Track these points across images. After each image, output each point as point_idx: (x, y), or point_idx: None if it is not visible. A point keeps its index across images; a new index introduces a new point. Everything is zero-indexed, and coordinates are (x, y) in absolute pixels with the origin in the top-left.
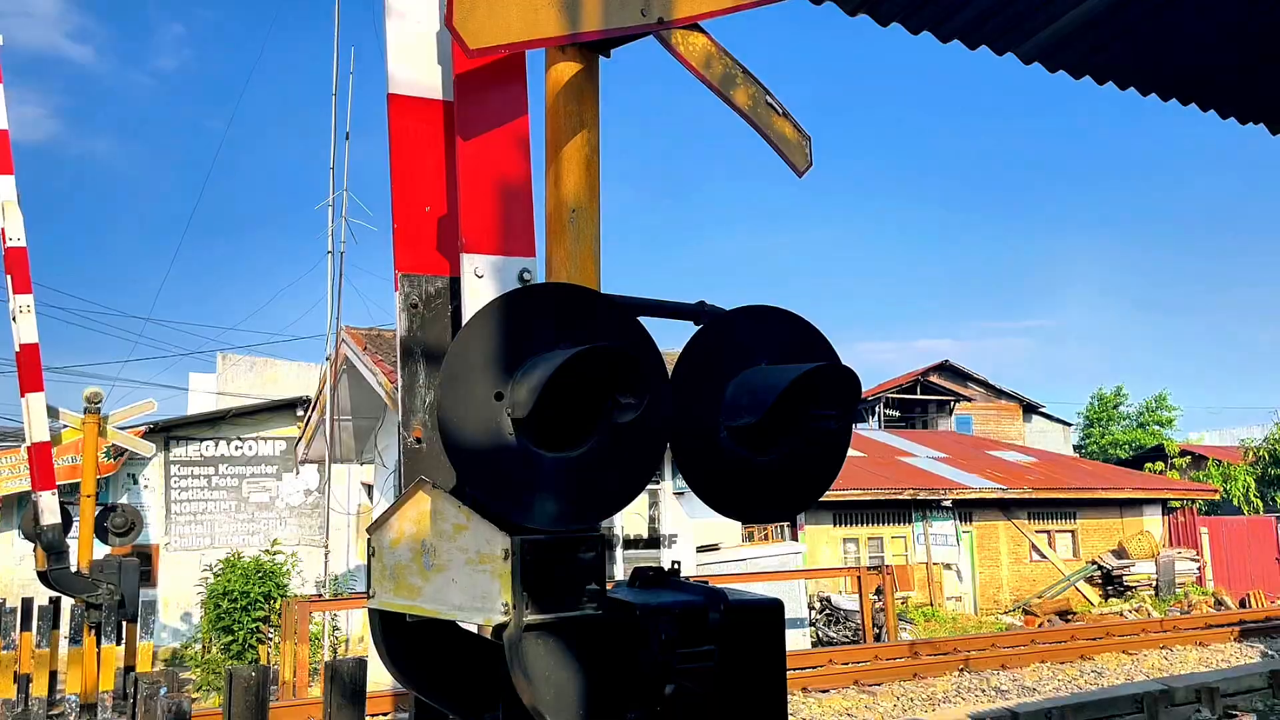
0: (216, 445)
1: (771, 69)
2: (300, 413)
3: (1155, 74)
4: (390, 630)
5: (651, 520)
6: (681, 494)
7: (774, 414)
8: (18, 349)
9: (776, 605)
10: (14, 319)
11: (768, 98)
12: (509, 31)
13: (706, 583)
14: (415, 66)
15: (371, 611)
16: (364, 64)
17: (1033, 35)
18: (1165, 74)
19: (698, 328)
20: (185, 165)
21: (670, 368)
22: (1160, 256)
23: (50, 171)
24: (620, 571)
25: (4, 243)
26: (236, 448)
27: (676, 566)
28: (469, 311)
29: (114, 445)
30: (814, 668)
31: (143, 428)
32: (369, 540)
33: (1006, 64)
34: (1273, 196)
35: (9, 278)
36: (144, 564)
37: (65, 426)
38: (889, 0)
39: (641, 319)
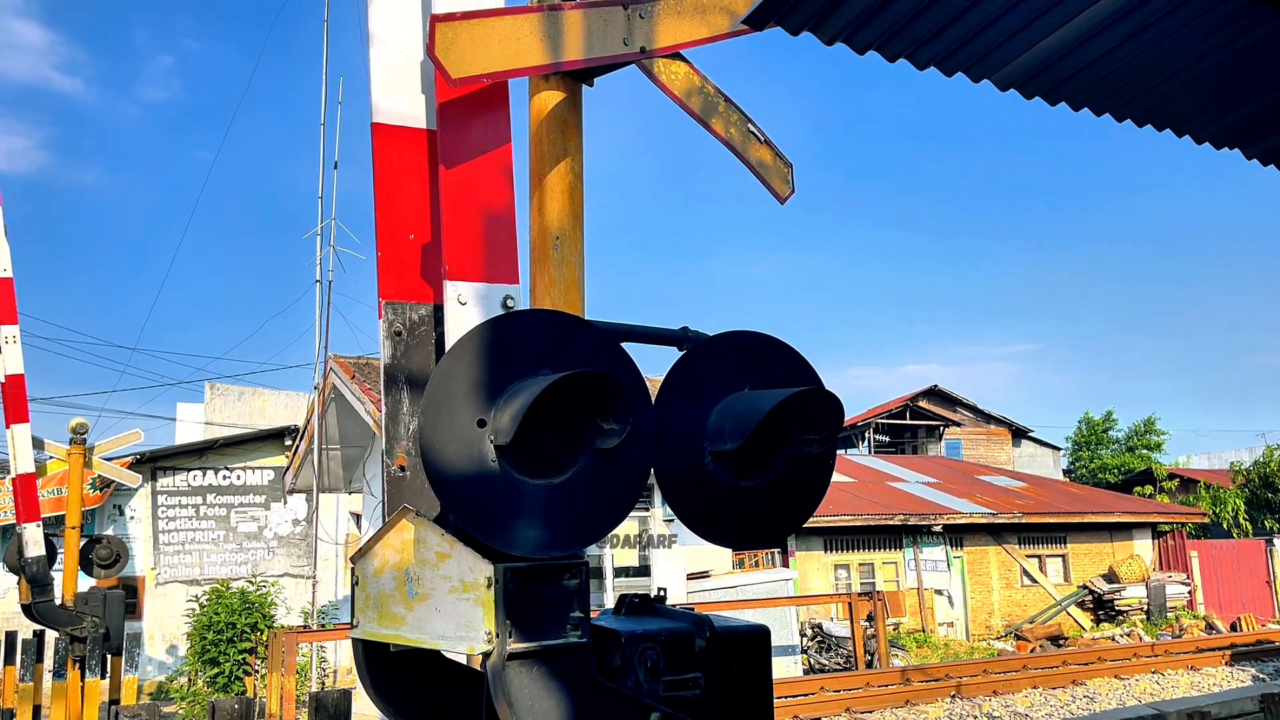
0: (204, 475)
1: (754, 94)
2: (288, 442)
3: (1129, 101)
4: (374, 660)
5: (641, 548)
6: (671, 520)
7: (758, 439)
8: (3, 380)
9: (763, 632)
10: (0, 350)
11: (749, 125)
12: (491, 60)
13: (693, 609)
14: (399, 95)
15: (355, 641)
16: (352, 93)
17: (1007, 63)
18: (1139, 101)
19: (681, 353)
20: (173, 195)
21: (654, 394)
22: (1146, 279)
23: (38, 202)
24: (610, 600)
25: None
26: (224, 477)
27: (662, 593)
28: (452, 338)
29: (100, 476)
30: (806, 695)
31: (129, 458)
32: (352, 569)
33: (988, 87)
34: (1258, 219)
35: None
36: (129, 596)
37: (50, 458)
38: (865, 29)
39: (625, 344)
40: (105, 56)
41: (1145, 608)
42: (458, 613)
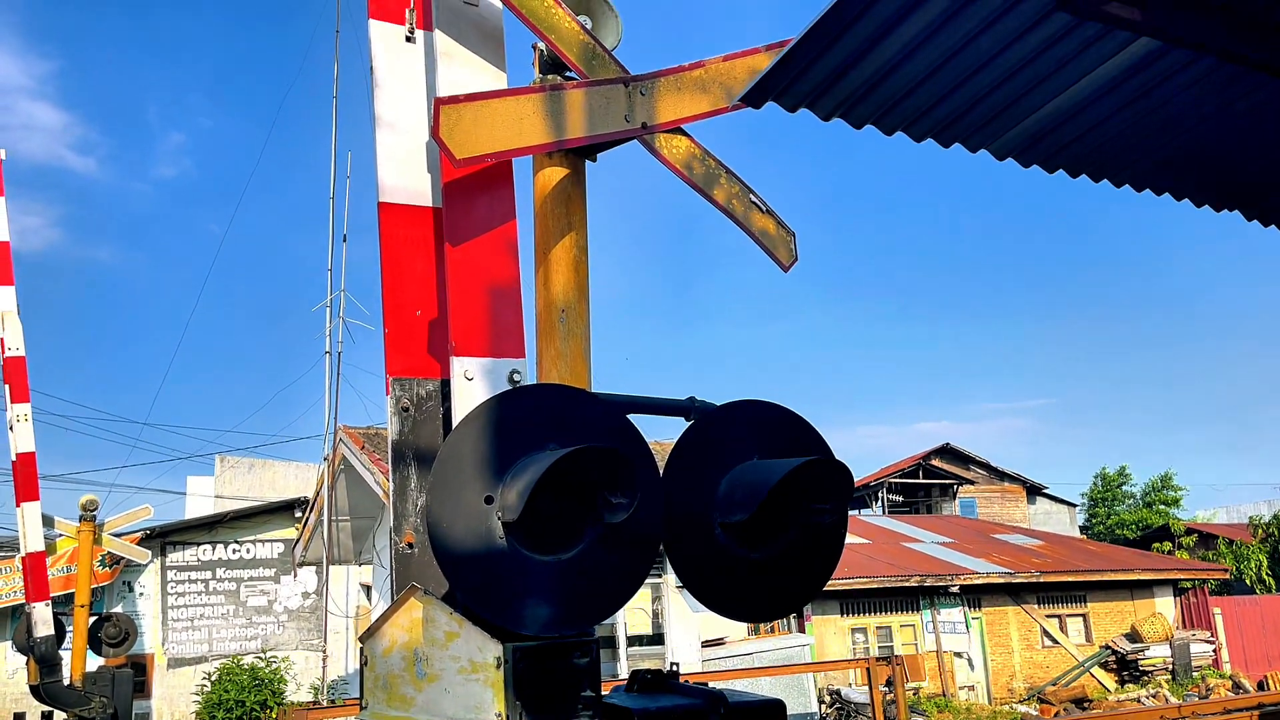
0: (214, 549)
1: (756, 158)
2: (298, 514)
3: (1126, 167)
4: None
5: (655, 616)
6: (684, 588)
7: (768, 509)
8: (14, 458)
9: (778, 706)
10: (11, 428)
11: (751, 196)
12: (495, 140)
13: (707, 684)
14: (405, 175)
15: None
16: (360, 167)
17: (1003, 133)
18: (1137, 166)
19: (689, 423)
20: (185, 269)
21: (662, 460)
22: (1157, 335)
23: (50, 279)
24: (623, 669)
25: (3, 352)
26: (234, 551)
27: (676, 668)
28: (459, 414)
29: (109, 553)
30: None
31: (139, 534)
32: (361, 649)
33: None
34: (1266, 274)
35: (7, 387)
36: (138, 674)
37: (60, 535)
38: (860, 106)
39: (632, 415)
40: (118, 136)
41: (1170, 667)
42: (467, 694)
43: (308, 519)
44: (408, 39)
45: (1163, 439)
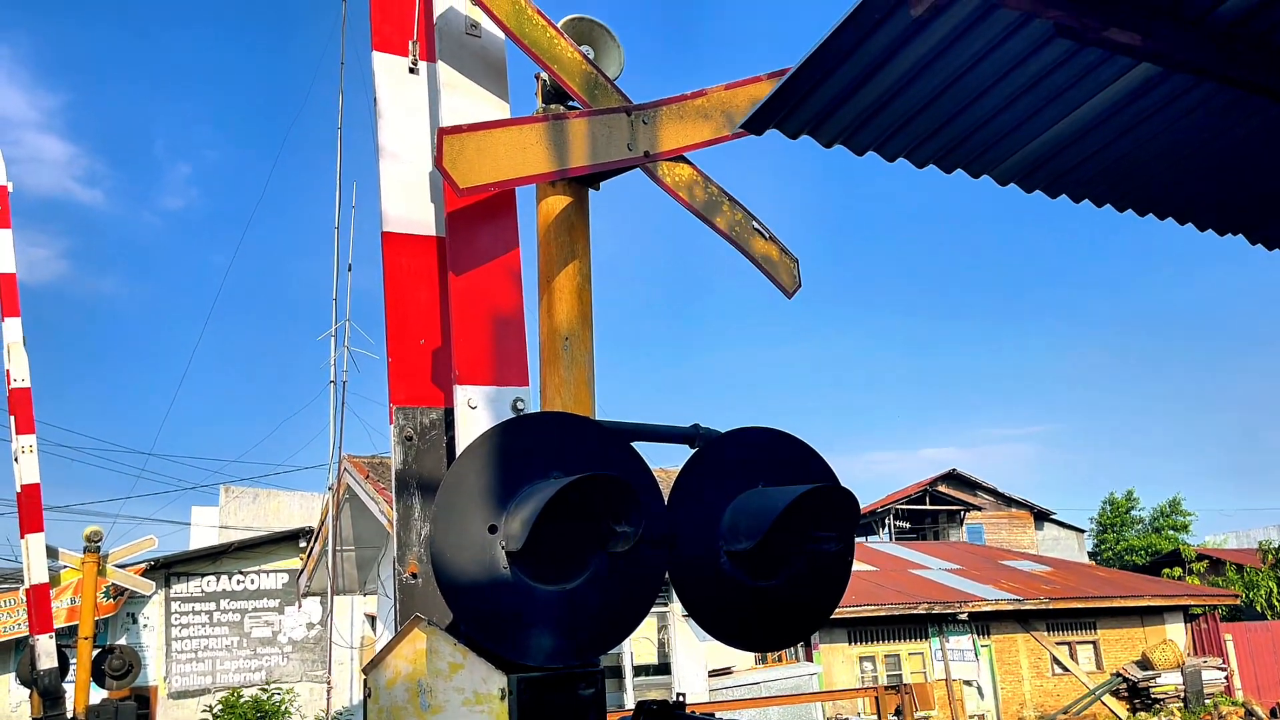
0: (218, 580)
1: (760, 181)
2: (303, 544)
3: (1129, 192)
4: None
5: (661, 645)
6: (690, 616)
7: (773, 537)
8: (19, 489)
9: None
10: (16, 459)
11: (753, 222)
12: (498, 170)
13: (713, 715)
14: (409, 205)
15: None
16: (366, 197)
17: (1005, 159)
18: (1139, 191)
19: (693, 451)
20: (190, 299)
21: (666, 489)
22: (1164, 357)
23: (56, 310)
24: (629, 700)
25: (8, 384)
26: (238, 582)
27: (682, 698)
28: (463, 443)
29: (114, 585)
30: None
31: (143, 565)
32: (365, 681)
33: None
34: (1274, 297)
35: (12, 418)
36: (142, 706)
37: (65, 567)
38: (862, 132)
39: (636, 443)
40: (125, 168)
41: (1182, 695)
42: None
43: (312, 549)
44: (411, 70)
45: (1170, 464)
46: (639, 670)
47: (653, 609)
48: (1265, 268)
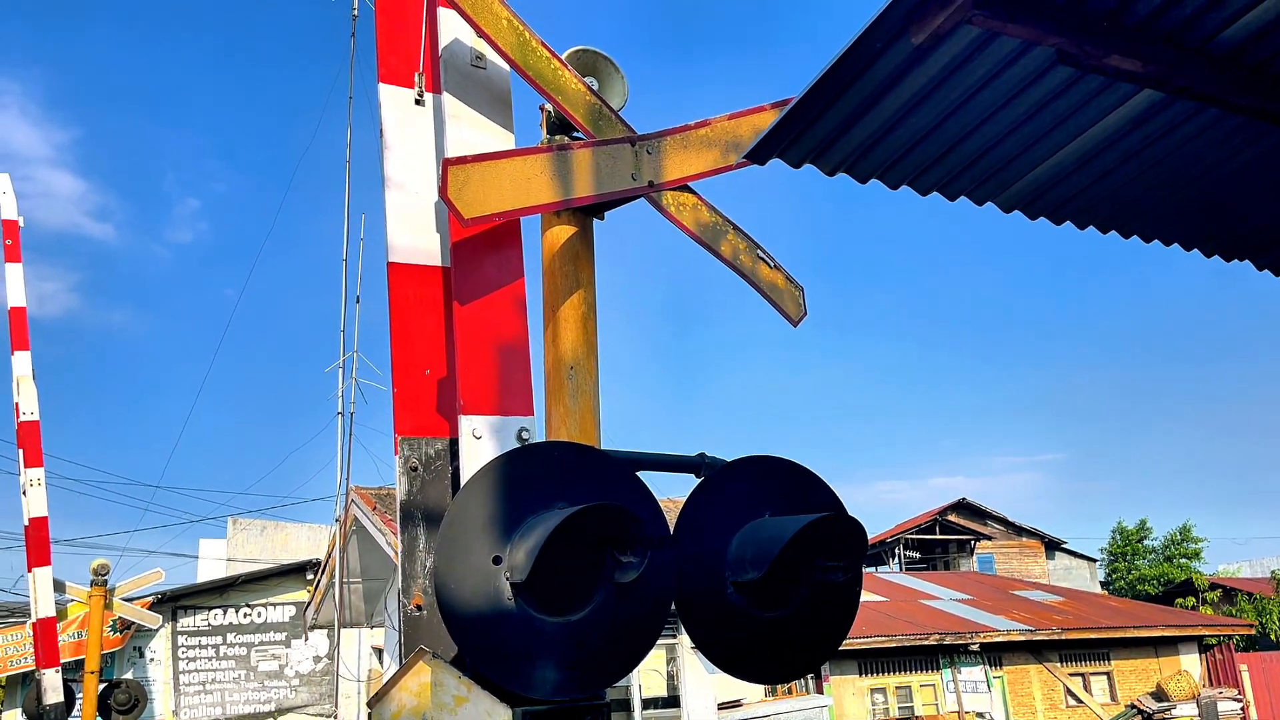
0: (225, 613)
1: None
2: (310, 576)
3: (1133, 218)
4: None
5: (670, 678)
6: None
7: (780, 568)
8: (27, 522)
9: None
10: (24, 493)
11: (758, 251)
12: (503, 200)
13: None
14: (414, 235)
15: None
16: (374, 230)
17: (1009, 186)
18: (1143, 217)
19: (699, 480)
20: (199, 332)
21: (672, 518)
22: (1172, 386)
23: (66, 344)
24: None
25: (17, 417)
26: (245, 615)
27: None
28: (468, 473)
29: (121, 618)
30: None
31: (150, 598)
32: (370, 714)
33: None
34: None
35: (21, 451)
36: None
37: (72, 600)
38: (865, 160)
39: (642, 473)
40: (135, 202)
41: None
42: None
43: (319, 581)
44: (417, 102)
45: (1181, 492)
46: (647, 703)
47: (661, 640)
48: (1275, 294)
